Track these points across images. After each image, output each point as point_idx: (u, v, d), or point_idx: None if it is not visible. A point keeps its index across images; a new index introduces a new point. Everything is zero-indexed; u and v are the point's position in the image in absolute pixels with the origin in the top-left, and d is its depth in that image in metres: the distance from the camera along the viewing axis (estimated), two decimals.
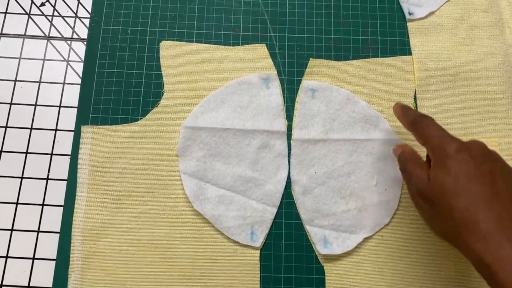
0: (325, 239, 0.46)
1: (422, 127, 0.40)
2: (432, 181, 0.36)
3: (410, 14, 0.52)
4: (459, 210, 0.34)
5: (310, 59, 0.50)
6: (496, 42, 0.52)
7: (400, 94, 0.50)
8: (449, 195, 0.34)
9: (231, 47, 0.51)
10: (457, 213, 0.34)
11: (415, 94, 0.50)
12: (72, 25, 1.26)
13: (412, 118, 0.41)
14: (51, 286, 0.45)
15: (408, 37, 0.52)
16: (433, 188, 0.36)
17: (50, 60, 1.25)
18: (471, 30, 0.52)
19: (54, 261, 0.45)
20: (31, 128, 1.19)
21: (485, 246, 0.32)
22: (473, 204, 0.33)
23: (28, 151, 1.18)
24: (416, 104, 0.50)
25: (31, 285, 1.10)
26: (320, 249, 0.45)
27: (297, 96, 0.50)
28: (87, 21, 1.24)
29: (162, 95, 0.50)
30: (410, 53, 0.51)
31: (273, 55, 0.51)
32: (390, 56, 0.51)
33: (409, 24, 0.52)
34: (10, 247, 1.12)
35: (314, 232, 0.46)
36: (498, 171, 0.35)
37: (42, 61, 1.24)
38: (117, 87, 0.50)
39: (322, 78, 0.50)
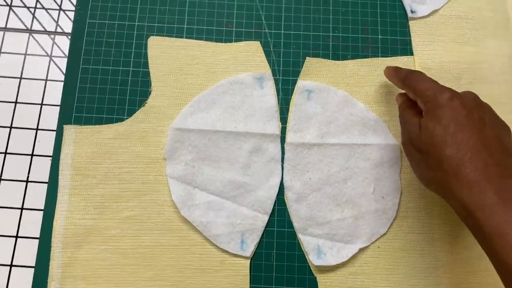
0: (318, 249, 0.46)
1: (413, 82, 0.43)
2: (422, 130, 0.39)
3: (412, 12, 0.53)
4: (447, 158, 0.36)
5: (307, 58, 0.51)
6: (503, 43, 0.53)
7: None
8: (438, 143, 0.37)
9: (223, 43, 0.52)
10: (445, 161, 0.36)
11: None
12: (55, 18, 1.26)
13: (404, 75, 0.44)
14: None
15: (410, 36, 0.53)
16: (423, 137, 0.39)
17: (32, 55, 1.25)
18: (476, 30, 0.53)
19: (33, 269, 0.46)
20: (10, 127, 1.20)
21: (469, 193, 0.35)
22: (461, 152, 0.36)
23: (7, 151, 1.18)
24: None
25: None
26: (313, 259, 0.46)
27: (292, 97, 0.50)
28: (71, 14, 1.24)
29: (150, 94, 0.50)
30: (411, 53, 0.52)
31: (267, 53, 0.52)
32: (390, 56, 0.52)
33: (411, 23, 0.53)
34: None
35: (308, 242, 0.47)
36: (487, 119, 0.38)
37: (23, 55, 1.25)
38: (102, 84, 0.51)
39: (319, 78, 0.51)
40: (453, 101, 0.38)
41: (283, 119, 0.50)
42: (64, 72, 0.52)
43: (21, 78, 1.23)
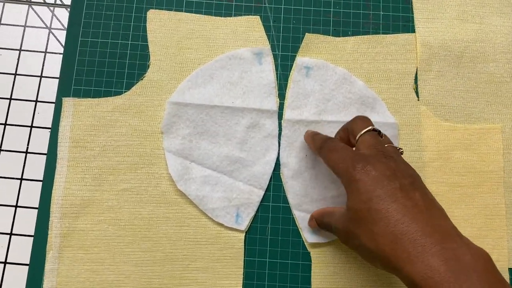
0: None
1: (326, 152, 0.42)
2: (346, 215, 0.38)
3: None
4: (378, 236, 0.34)
5: (306, 33, 0.52)
6: (507, 21, 0.54)
7: (400, 74, 0.52)
8: (365, 222, 0.35)
9: (222, 18, 0.53)
10: (378, 239, 0.34)
11: (416, 74, 0.52)
12: None
13: (319, 143, 0.43)
14: (28, 263, 0.48)
15: (412, 13, 0.54)
16: (347, 222, 0.38)
17: (32, 27, 1.27)
18: (480, 7, 0.54)
19: (32, 238, 0.48)
20: (10, 99, 1.22)
21: (414, 269, 0.32)
22: (390, 227, 0.34)
23: (7, 123, 1.21)
24: (417, 85, 0.52)
25: (8, 261, 1.15)
26: (307, 236, 0.48)
27: (291, 74, 0.52)
28: None
29: (148, 68, 0.52)
30: (413, 31, 0.53)
31: (267, 28, 0.53)
32: (392, 33, 0.53)
33: None
34: None
35: (302, 218, 0.49)
36: (407, 184, 0.36)
37: (23, 27, 1.26)
38: (101, 57, 0.52)
39: (318, 54, 0.52)
40: (368, 174, 0.36)
41: (281, 95, 0.51)
42: (64, 44, 0.54)
43: (20, 50, 1.25)
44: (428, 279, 0.31)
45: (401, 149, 0.41)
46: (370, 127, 0.40)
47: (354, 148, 0.41)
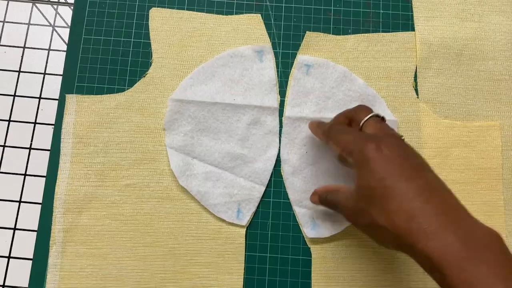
0: (313, 221, 0.49)
1: (335, 133, 0.42)
2: (357, 193, 0.38)
3: None
4: (393, 213, 0.34)
5: (307, 32, 0.53)
6: (506, 20, 0.54)
7: (400, 72, 0.52)
8: (379, 199, 0.35)
9: (224, 16, 0.54)
10: (393, 216, 0.34)
11: (416, 72, 0.52)
12: None
13: (326, 128, 0.44)
14: (31, 257, 0.49)
15: (412, 11, 0.54)
16: (360, 200, 0.37)
17: (36, 24, 1.27)
18: (480, 6, 0.54)
19: (36, 233, 0.49)
20: (14, 95, 1.23)
21: (429, 245, 0.32)
22: (406, 204, 0.34)
23: (11, 119, 1.21)
24: (417, 83, 0.52)
25: (11, 255, 1.15)
26: (308, 231, 0.48)
27: (291, 71, 0.52)
28: None
29: (150, 65, 0.52)
30: (413, 29, 0.53)
31: (268, 26, 0.53)
32: (392, 31, 0.53)
33: None
34: None
35: (302, 214, 0.49)
36: (419, 164, 0.36)
37: (27, 25, 1.27)
38: (104, 55, 0.53)
39: (319, 52, 0.52)
40: (381, 152, 0.36)
41: (282, 92, 0.52)
42: (67, 42, 0.54)
43: (24, 47, 1.26)
44: (444, 255, 0.31)
45: (403, 136, 0.41)
46: (374, 113, 0.41)
47: None
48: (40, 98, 1.23)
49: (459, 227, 0.32)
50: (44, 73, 1.24)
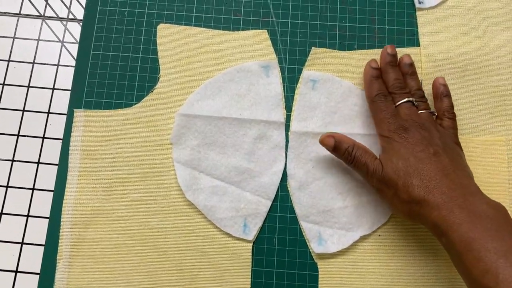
0: (319, 237, 0.48)
1: (377, 107, 0.47)
2: (385, 166, 0.44)
3: (420, 2, 0.54)
4: (414, 187, 0.42)
5: (313, 48, 0.52)
6: (510, 35, 0.53)
7: None
8: (403, 175, 0.43)
9: (231, 32, 0.53)
10: (413, 189, 0.42)
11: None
12: (68, 5, 1.29)
13: (374, 94, 0.47)
14: (39, 271, 0.48)
15: (417, 27, 0.54)
16: (388, 172, 0.44)
17: (45, 40, 1.28)
18: (484, 21, 0.54)
19: (43, 247, 0.48)
20: (23, 110, 1.23)
21: (439, 215, 0.40)
22: (425, 181, 0.42)
23: (20, 134, 1.22)
24: None
25: (19, 270, 1.15)
26: (314, 247, 0.48)
27: (297, 87, 0.52)
28: (83, 1, 1.26)
29: (158, 80, 0.52)
30: (418, 44, 0.53)
31: (274, 42, 0.53)
32: (397, 47, 0.53)
33: (418, 13, 0.54)
34: None
35: (309, 229, 0.48)
36: (441, 149, 0.43)
37: (36, 41, 1.27)
38: (112, 70, 0.53)
39: (324, 68, 0.52)
40: (406, 139, 0.44)
41: (288, 107, 0.51)
42: (75, 57, 0.54)
43: (34, 63, 1.26)
44: (450, 223, 0.39)
45: (435, 112, 0.48)
46: (406, 99, 0.46)
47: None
48: (48, 112, 1.23)
49: (467, 200, 0.40)
50: (53, 88, 1.25)
